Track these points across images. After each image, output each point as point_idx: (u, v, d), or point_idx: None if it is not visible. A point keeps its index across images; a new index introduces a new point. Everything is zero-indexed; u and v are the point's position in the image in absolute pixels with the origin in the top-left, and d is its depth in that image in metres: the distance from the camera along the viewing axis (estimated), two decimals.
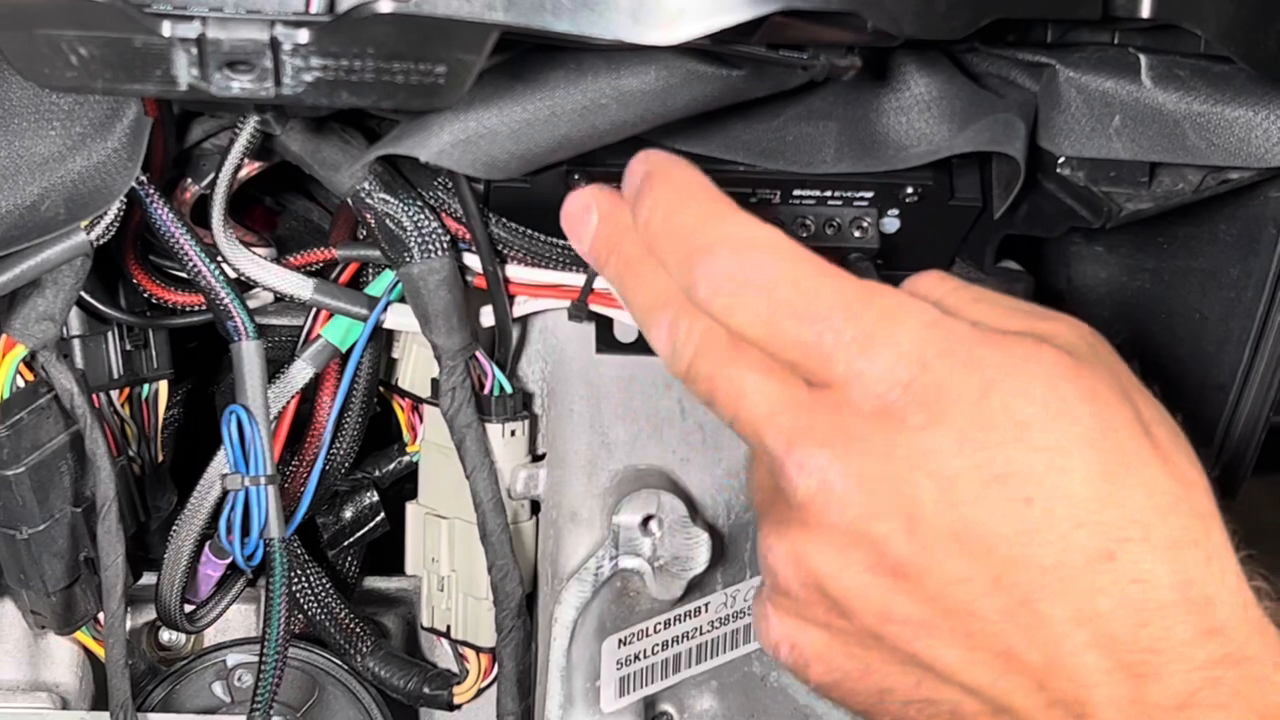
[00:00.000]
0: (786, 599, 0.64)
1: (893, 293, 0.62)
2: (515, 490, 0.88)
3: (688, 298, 0.64)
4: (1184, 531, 0.59)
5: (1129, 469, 0.59)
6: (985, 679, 0.60)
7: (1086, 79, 0.78)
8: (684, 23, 0.63)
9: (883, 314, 0.61)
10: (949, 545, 0.59)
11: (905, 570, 0.60)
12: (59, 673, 0.93)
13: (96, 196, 0.73)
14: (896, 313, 0.61)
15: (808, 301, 0.61)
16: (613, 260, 0.69)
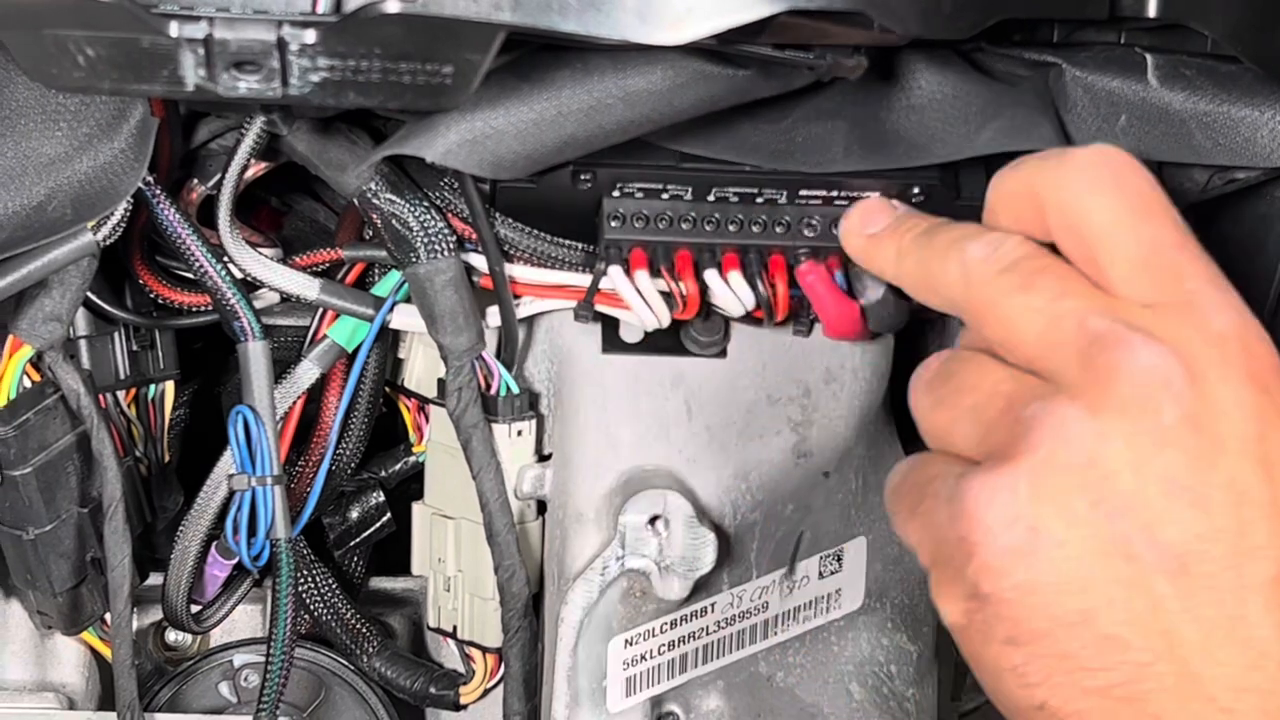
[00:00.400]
0: (1054, 476, 0.58)
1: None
2: (522, 490, 0.88)
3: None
4: None
5: None
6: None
7: (1093, 78, 0.78)
8: (690, 22, 0.63)
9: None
10: (1247, 491, 0.57)
11: (1200, 495, 0.57)
12: (66, 673, 0.94)
13: (103, 197, 0.73)
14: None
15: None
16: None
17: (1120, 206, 0.61)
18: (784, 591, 0.89)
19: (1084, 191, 0.62)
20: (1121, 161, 0.62)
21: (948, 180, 0.81)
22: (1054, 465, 0.58)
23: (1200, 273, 0.60)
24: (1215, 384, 0.57)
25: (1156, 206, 0.61)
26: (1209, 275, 0.60)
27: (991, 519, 0.58)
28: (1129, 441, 0.57)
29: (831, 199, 0.80)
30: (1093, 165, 0.62)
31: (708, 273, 0.80)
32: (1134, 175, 0.62)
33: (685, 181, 0.80)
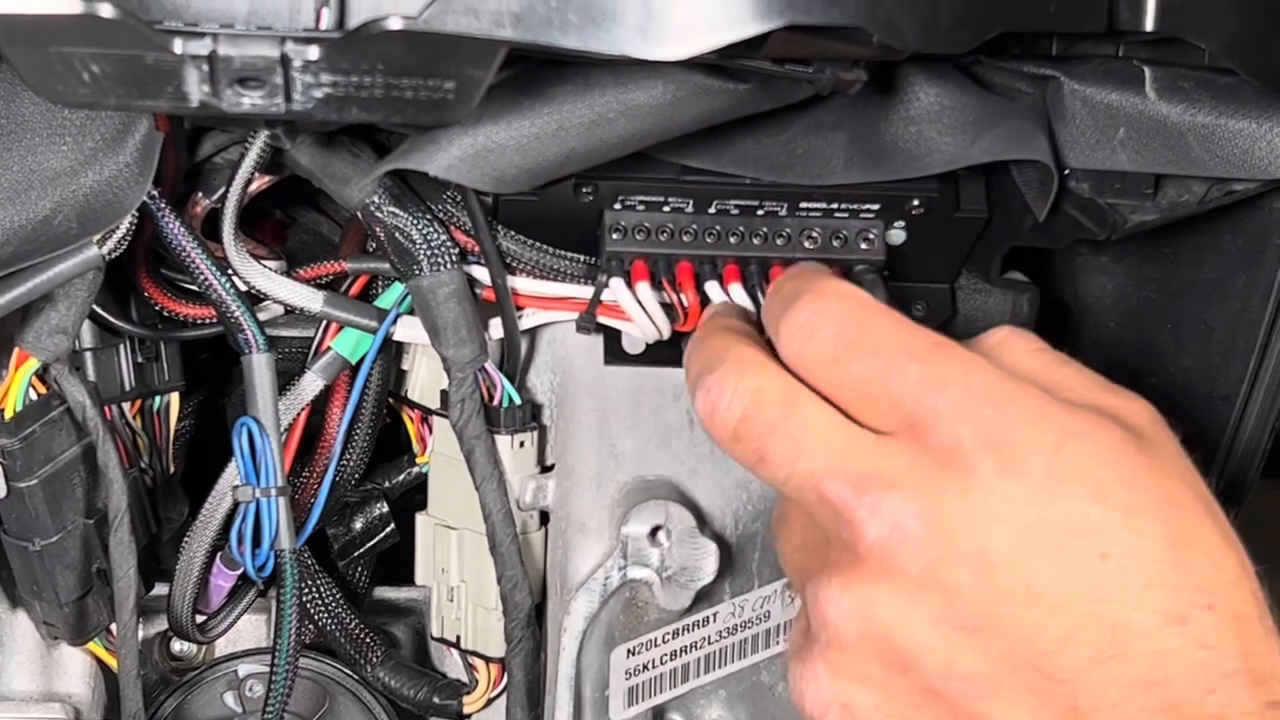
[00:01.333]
0: (841, 654, 0.61)
1: (961, 344, 0.62)
2: (524, 501, 0.88)
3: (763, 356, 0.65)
4: (1246, 606, 0.58)
5: (1196, 539, 0.59)
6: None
7: (1091, 91, 0.78)
8: (690, 38, 0.64)
9: (952, 358, 0.61)
10: (1022, 598, 0.57)
11: (975, 622, 0.58)
12: (72, 683, 0.94)
13: (108, 211, 0.74)
14: (966, 359, 0.61)
15: (876, 342, 0.61)
16: (693, 339, 0.70)
17: (831, 350, 0.63)
18: (786, 601, 0.89)
19: (802, 340, 0.64)
20: (832, 301, 0.64)
21: (947, 192, 0.82)
22: (839, 643, 0.61)
23: (912, 389, 0.61)
24: (949, 507, 0.59)
25: (867, 341, 0.62)
26: (925, 382, 0.61)
27: (811, 706, 0.63)
28: (889, 602, 0.59)
29: (832, 211, 0.81)
30: (809, 311, 0.64)
31: (709, 284, 0.80)
32: (845, 312, 0.63)
33: (686, 194, 0.80)
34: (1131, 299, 0.91)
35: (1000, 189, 0.83)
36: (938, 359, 0.61)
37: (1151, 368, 0.90)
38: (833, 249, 0.81)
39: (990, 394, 0.60)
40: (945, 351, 0.61)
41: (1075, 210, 0.80)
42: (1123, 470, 0.59)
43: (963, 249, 0.85)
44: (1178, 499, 0.59)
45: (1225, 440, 0.86)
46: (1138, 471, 0.59)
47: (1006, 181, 0.82)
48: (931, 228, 0.82)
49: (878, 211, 0.81)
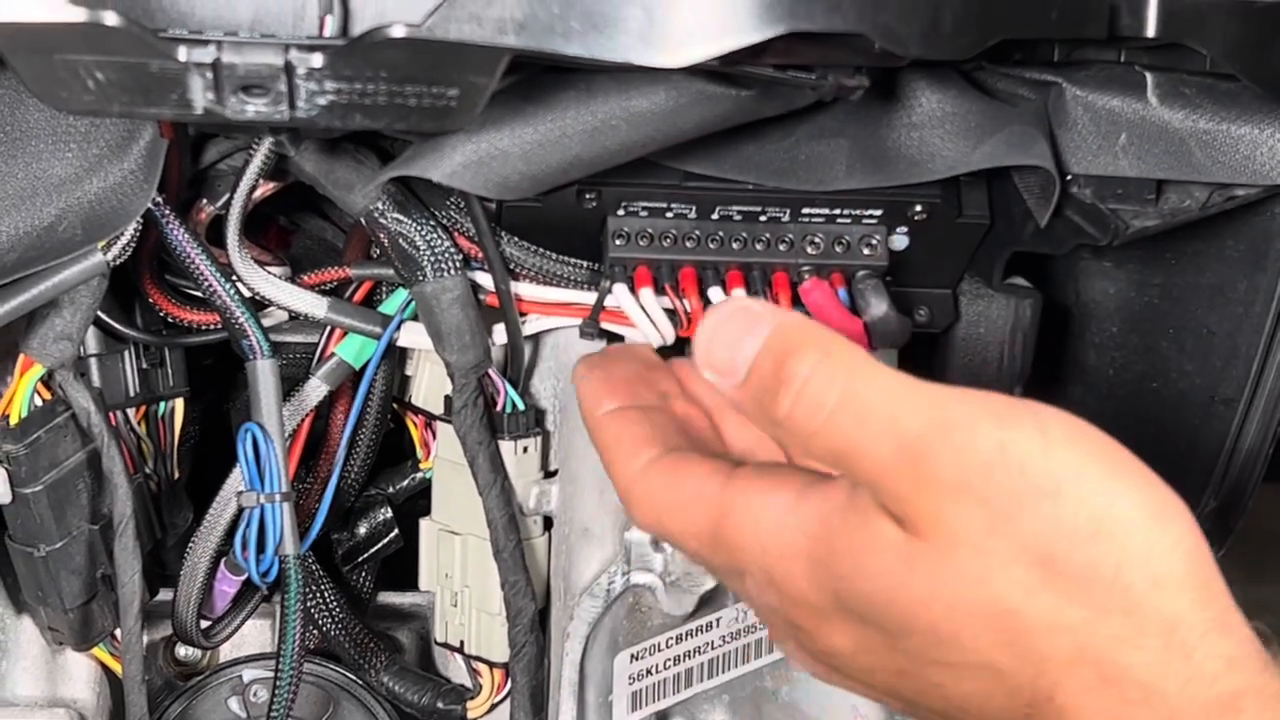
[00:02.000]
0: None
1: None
2: (528, 506, 0.88)
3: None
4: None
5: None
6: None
7: (1093, 97, 0.78)
8: (693, 45, 0.64)
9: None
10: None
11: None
12: (77, 689, 0.94)
13: (113, 217, 0.74)
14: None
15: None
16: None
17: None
18: None
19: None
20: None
21: (949, 198, 0.82)
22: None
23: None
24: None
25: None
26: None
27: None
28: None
29: (834, 217, 0.81)
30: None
31: (712, 290, 0.80)
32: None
33: (689, 200, 0.80)
34: (1133, 304, 0.91)
35: (1002, 194, 0.83)
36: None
37: (1153, 372, 0.90)
38: (835, 254, 0.81)
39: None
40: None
41: (1077, 215, 0.80)
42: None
43: (965, 254, 0.85)
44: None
45: (1227, 445, 0.86)
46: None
47: (1008, 187, 0.82)
48: (934, 233, 0.83)
49: (880, 217, 0.82)
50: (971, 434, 0.55)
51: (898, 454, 0.56)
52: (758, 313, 0.61)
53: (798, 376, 0.58)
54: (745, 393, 0.60)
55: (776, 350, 0.59)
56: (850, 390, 0.57)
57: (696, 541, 0.64)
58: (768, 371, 0.59)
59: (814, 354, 0.58)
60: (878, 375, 0.58)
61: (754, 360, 0.60)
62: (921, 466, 0.56)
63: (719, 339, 0.61)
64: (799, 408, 0.58)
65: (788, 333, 0.60)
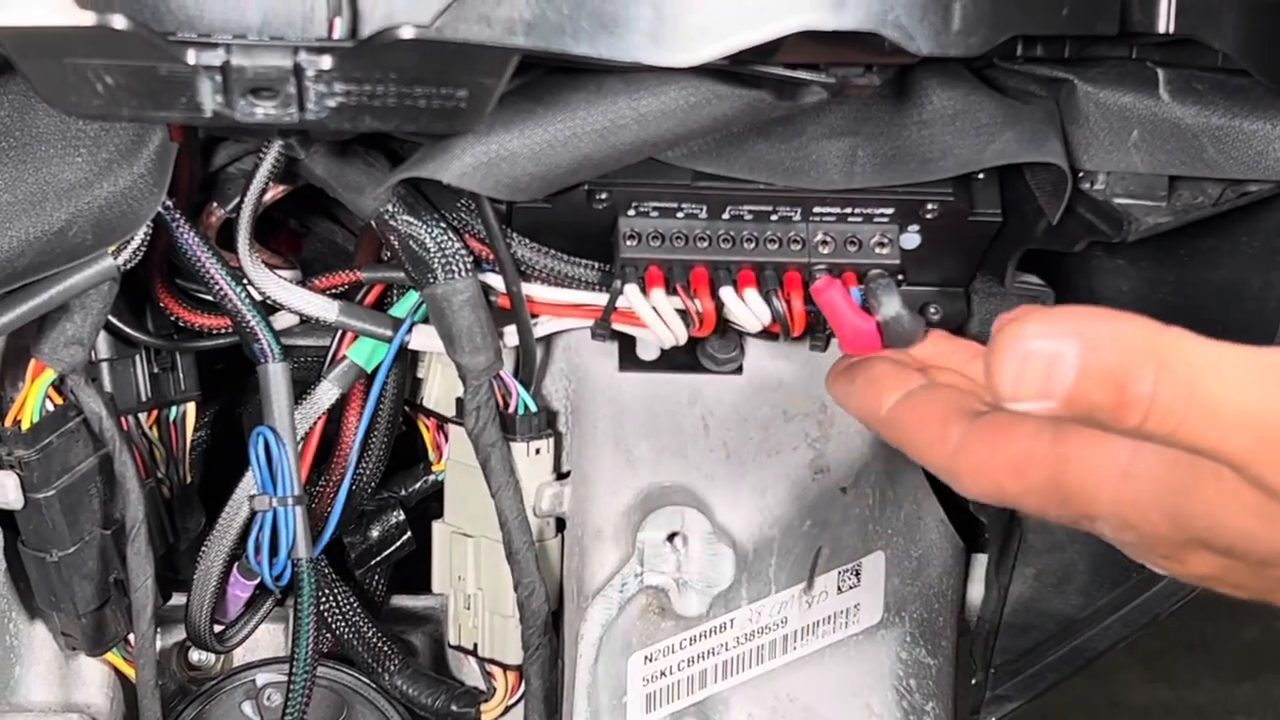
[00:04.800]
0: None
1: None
2: (540, 508, 0.88)
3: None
4: None
5: None
6: None
7: (1105, 94, 0.78)
8: (702, 44, 0.64)
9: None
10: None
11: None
12: (90, 694, 0.94)
13: (123, 222, 0.74)
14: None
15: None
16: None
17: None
18: (803, 606, 0.89)
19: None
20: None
21: (961, 195, 0.82)
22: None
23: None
24: None
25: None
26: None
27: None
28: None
29: (846, 216, 0.81)
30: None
31: (723, 290, 0.80)
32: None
33: (700, 200, 0.80)
34: (1147, 301, 0.91)
35: (1014, 192, 0.83)
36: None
37: None
38: (847, 253, 0.81)
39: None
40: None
41: (1089, 213, 0.80)
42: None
43: (977, 252, 0.85)
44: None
45: None
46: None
47: (1020, 184, 0.82)
48: (946, 231, 0.82)
49: (892, 215, 0.81)
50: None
51: (1257, 446, 0.56)
52: (1057, 333, 0.56)
53: (1143, 398, 0.56)
54: (1066, 412, 0.57)
55: (1104, 374, 0.56)
56: (1195, 395, 0.56)
57: (1039, 498, 0.63)
58: (1101, 398, 0.56)
59: (1150, 370, 0.56)
60: (1219, 369, 0.56)
61: (1074, 387, 0.56)
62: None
63: (1027, 373, 0.57)
64: (1149, 422, 0.56)
65: (1109, 352, 0.56)
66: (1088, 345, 0.56)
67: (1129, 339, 0.57)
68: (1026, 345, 0.57)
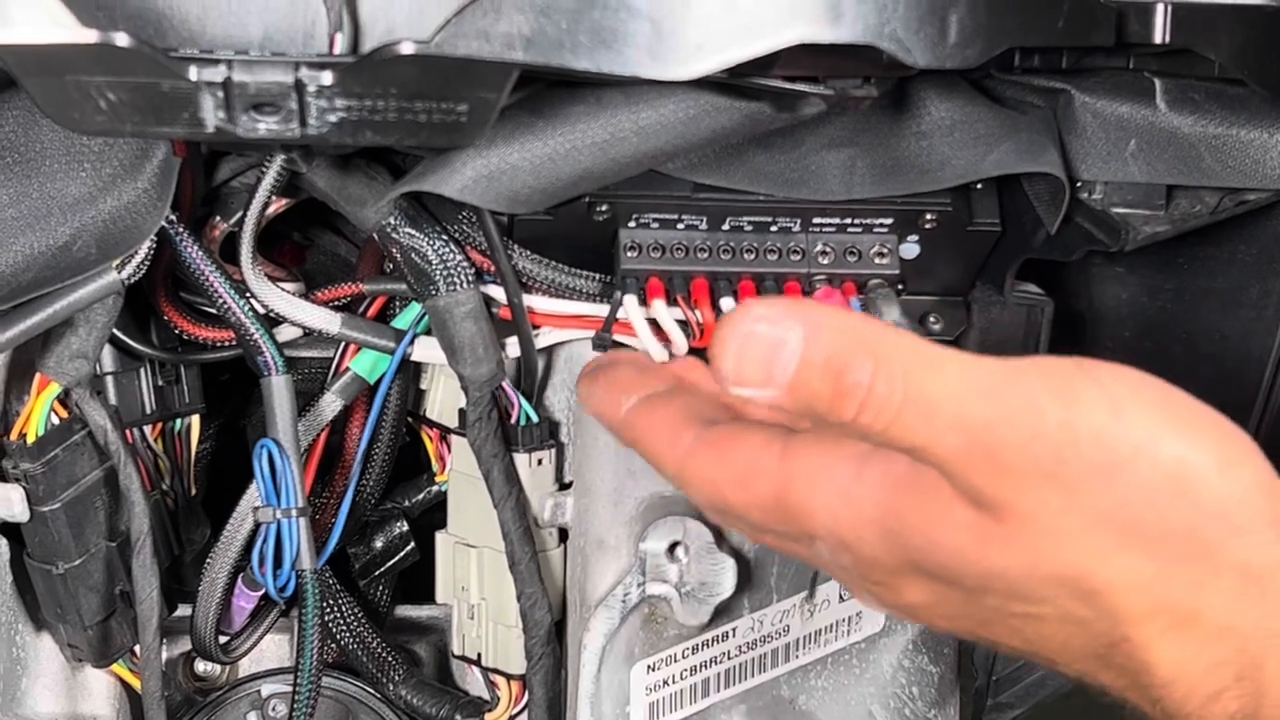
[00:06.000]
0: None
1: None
2: (543, 518, 0.88)
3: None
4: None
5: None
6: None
7: (1102, 104, 0.79)
8: (700, 57, 0.64)
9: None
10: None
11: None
12: (97, 705, 0.94)
13: (127, 236, 0.74)
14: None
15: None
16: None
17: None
18: (805, 615, 0.90)
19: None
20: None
21: (960, 205, 0.82)
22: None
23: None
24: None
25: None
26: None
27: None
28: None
29: (845, 226, 0.81)
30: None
31: (724, 301, 0.80)
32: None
33: (700, 211, 0.80)
34: (1146, 309, 0.91)
35: (1012, 202, 0.83)
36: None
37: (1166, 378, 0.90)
38: (847, 264, 0.81)
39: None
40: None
41: (1087, 222, 0.81)
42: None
43: (976, 262, 0.85)
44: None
45: None
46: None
47: (1018, 194, 0.83)
48: (945, 241, 0.83)
49: (891, 226, 0.82)
50: (1038, 418, 0.55)
51: (969, 448, 0.56)
52: (781, 318, 0.57)
53: (859, 388, 0.56)
54: (788, 402, 0.58)
55: (824, 362, 0.57)
56: (912, 391, 0.56)
57: (761, 513, 0.63)
58: (820, 387, 0.57)
59: (868, 362, 0.56)
60: (937, 369, 0.57)
61: (795, 374, 0.57)
62: (993, 458, 0.56)
63: (748, 355, 0.58)
64: (864, 415, 0.57)
65: (830, 340, 0.57)
66: (810, 331, 0.57)
67: (851, 329, 0.57)
68: (750, 327, 0.57)
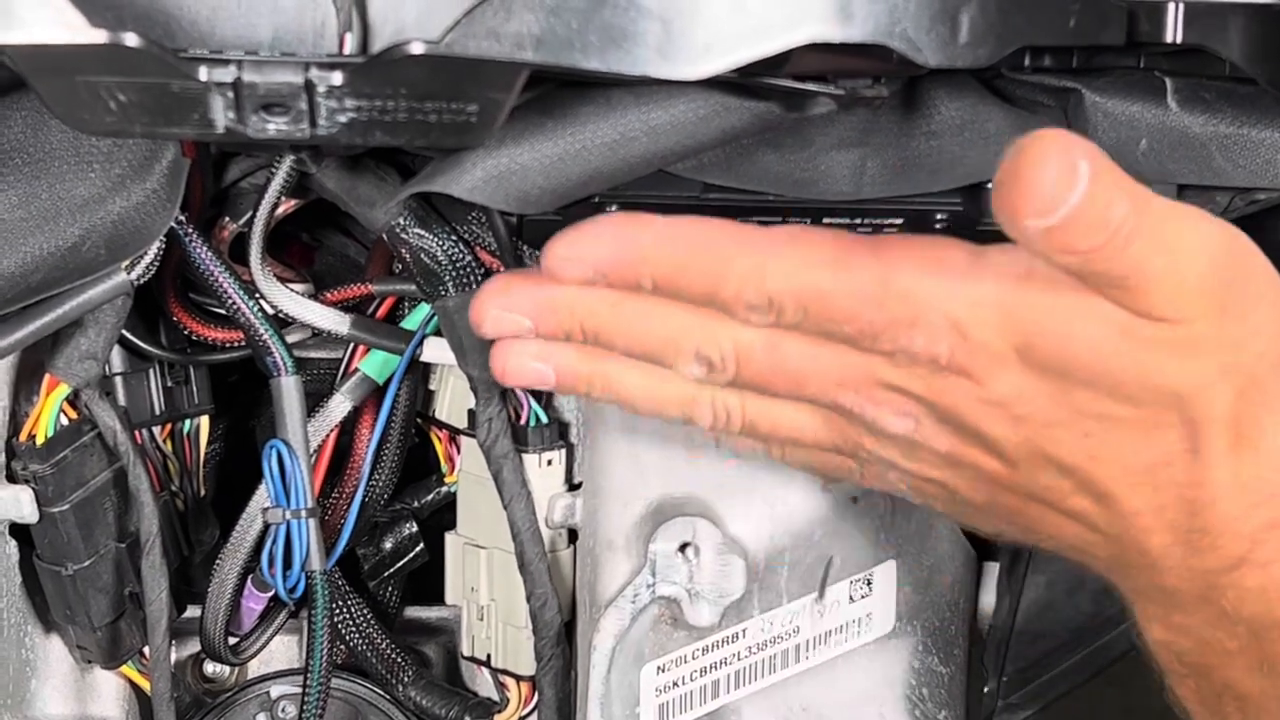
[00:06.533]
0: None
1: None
2: (552, 519, 0.88)
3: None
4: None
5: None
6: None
7: (1112, 103, 0.78)
8: (710, 57, 0.64)
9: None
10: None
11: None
12: (106, 706, 0.94)
13: (136, 237, 0.74)
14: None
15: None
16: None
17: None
18: (815, 616, 0.90)
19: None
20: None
21: (970, 205, 0.82)
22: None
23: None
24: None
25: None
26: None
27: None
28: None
29: (855, 226, 0.81)
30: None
31: None
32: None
33: (709, 211, 0.80)
34: None
35: None
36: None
37: None
38: None
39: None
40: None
41: None
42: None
43: None
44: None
45: None
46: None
47: None
48: None
49: (901, 226, 0.81)
50: (1221, 248, 0.64)
51: (1166, 270, 0.62)
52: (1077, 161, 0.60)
53: (1115, 220, 0.60)
54: (1053, 239, 0.61)
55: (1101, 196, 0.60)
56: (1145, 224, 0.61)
57: (855, 300, 0.67)
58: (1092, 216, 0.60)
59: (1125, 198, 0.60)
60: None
61: (1077, 208, 0.59)
62: (1181, 277, 0.62)
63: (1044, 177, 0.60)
64: (1110, 246, 0.61)
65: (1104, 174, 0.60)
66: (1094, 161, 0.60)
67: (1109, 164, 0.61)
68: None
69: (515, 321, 0.71)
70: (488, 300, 0.72)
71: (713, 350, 0.70)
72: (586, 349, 0.72)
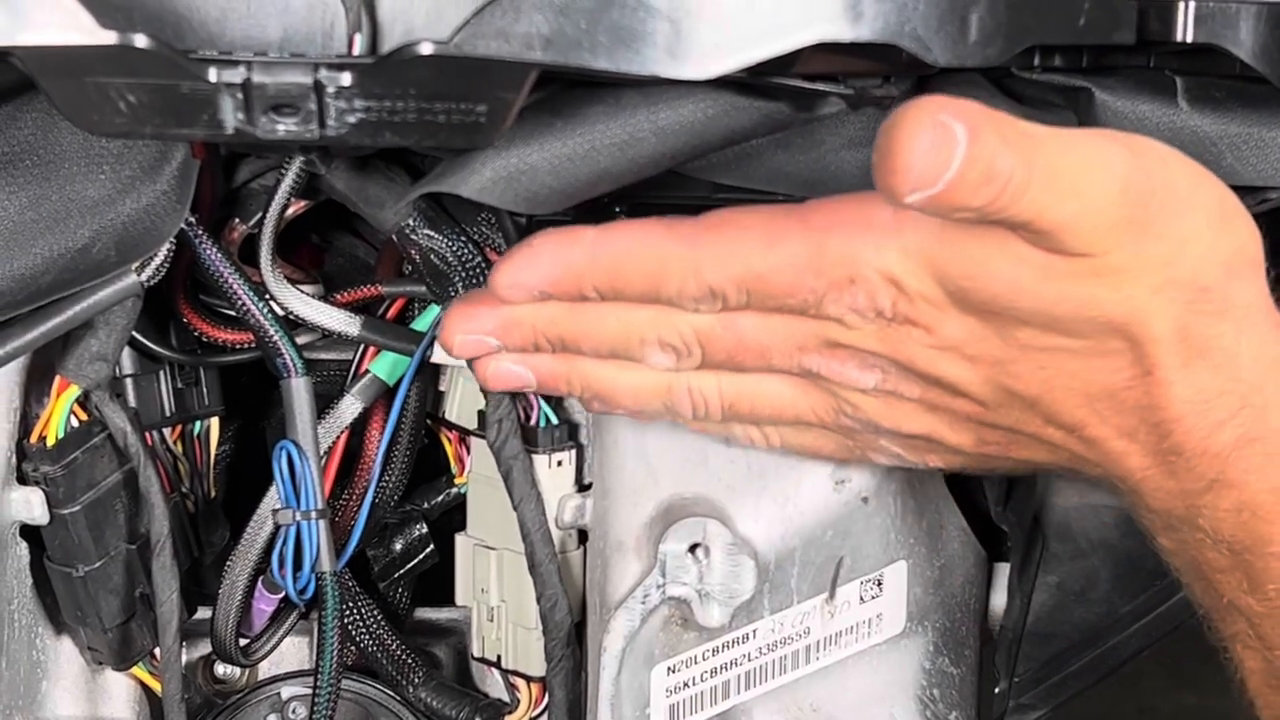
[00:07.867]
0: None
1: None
2: (562, 520, 0.88)
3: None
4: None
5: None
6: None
7: (1123, 102, 0.78)
8: (719, 57, 0.64)
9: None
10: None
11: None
12: (117, 708, 0.94)
13: (146, 238, 0.74)
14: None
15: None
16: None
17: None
18: (825, 617, 0.89)
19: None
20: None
21: None
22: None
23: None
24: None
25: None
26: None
27: None
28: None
29: None
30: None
31: None
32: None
33: None
34: None
35: None
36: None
37: None
38: None
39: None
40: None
41: None
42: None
43: None
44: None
45: None
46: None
47: None
48: None
49: None
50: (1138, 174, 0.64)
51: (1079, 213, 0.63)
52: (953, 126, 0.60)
53: (1003, 175, 0.60)
54: (940, 202, 0.61)
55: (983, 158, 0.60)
56: (1040, 172, 0.61)
57: (793, 272, 0.68)
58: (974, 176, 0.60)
59: (1010, 152, 0.61)
60: (1067, 149, 0.63)
61: (959, 171, 0.60)
62: (1090, 211, 0.63)
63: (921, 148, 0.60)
64: (1001, 199, 0.61)
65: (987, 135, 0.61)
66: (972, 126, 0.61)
67: (997, 119, 0.62)
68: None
69: (482, 342, 0.74)
70: (453, 326, 0.74)
71: (673, 337, 0.72)
72: (559, 353, 0.74)
